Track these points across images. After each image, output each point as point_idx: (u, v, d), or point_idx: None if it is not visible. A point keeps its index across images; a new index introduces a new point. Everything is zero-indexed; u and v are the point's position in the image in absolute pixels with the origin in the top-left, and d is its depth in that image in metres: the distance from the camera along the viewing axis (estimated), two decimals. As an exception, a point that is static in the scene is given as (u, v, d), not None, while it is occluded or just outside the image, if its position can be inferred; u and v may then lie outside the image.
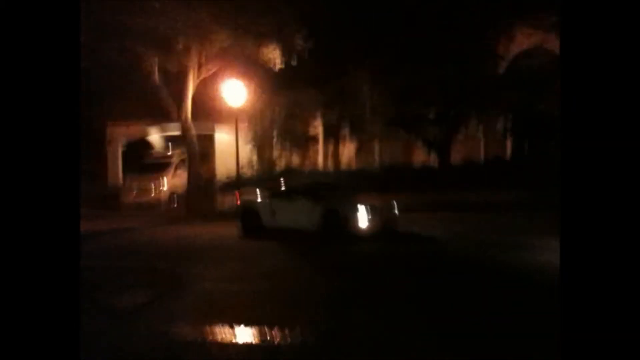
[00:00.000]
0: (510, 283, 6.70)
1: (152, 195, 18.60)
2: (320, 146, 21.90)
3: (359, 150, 21.66)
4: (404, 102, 18.81)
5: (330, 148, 22.18)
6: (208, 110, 19.85)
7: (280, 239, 10.95)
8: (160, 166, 19.77)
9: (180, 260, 8.98)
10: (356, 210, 10.32)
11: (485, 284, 6.64)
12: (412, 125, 19.57)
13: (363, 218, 10.31)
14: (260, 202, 12.00)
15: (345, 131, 21.52)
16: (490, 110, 18.96)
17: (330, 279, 7.31)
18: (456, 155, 19.97)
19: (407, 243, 10.37)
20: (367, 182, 17.30)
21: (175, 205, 18.11)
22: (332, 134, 21.86)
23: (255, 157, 22.58)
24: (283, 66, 15.89)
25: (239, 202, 12.57)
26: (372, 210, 10.43)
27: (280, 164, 22.46)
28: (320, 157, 21.98)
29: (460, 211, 14.59)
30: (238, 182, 15.86)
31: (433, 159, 20.10)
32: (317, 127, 21.94)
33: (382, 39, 17.33)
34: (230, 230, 12.12)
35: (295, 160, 22.61)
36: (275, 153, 22.68)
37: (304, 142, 22.05)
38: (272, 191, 12.39)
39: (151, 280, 7.31)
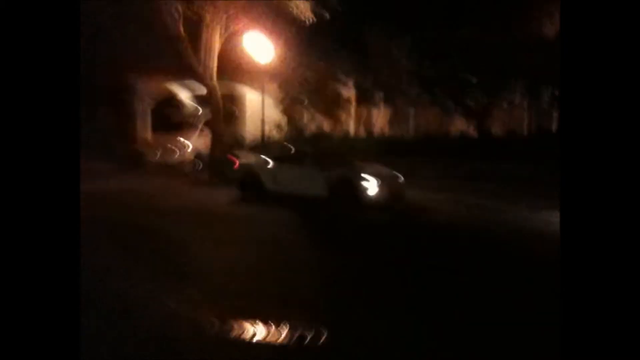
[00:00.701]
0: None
1: (177, 155, 18.05)
2: (353, 111, 20.89)
3: (393, 117, 20.57)
4: (443, 66, 17.62)
5: (364, 113, 21.17)
6: (239, 70, 19.18)
7: (284, 206, 10.25)
8: (185, 126, 19.18)
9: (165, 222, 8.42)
10: (366, 179, 9.67)
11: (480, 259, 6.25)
12: (451, 90, 18.34)
13: (373, 187, 9.67)
14: (263, 167, 11.22)
15: (380, 96, 20.48)
16: (537, 78, 17.53)
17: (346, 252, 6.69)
18: (497, 125, 18.73)
19: (414, 214, 10.02)
20: (399, 150, 16.48)
21: (200, 168, 17.55)
22: (366, 99, 20.83)
23: (284, 120, 21.86)
24: (314, 20, 14.80)
25: (237, 166, 11.80)
26: (381, 180, 9.76)
27: (311, 128, 21.70)
28: (352, 122, 21.00)
29: (490, 182, 13.59)
30: (263, 145, 15.13)
31: (472, 128, 18.89)
32: (350, 91, 20.89)
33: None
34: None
35: (327, 124, 21.76)
36: (306, 116, 21.87)
37: (336, 106, 21.08)
38: (276, 156, 11.59)
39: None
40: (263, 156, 11.69)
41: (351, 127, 20.95)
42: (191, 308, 4.17)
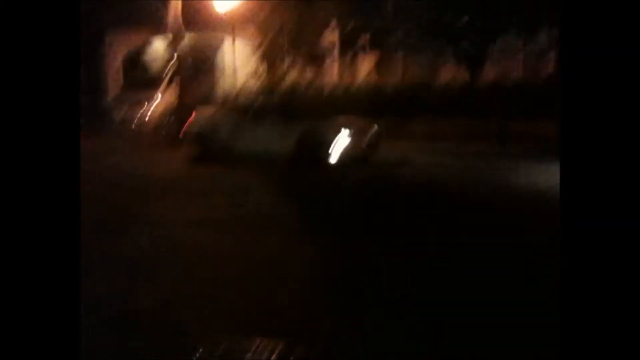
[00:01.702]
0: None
1: (144, 110, 16.59)
2: (336, 59, 19.36)
3: (379, 65, 19.03)
4: (431, 8, 16.03)
5: (348, 62, 19.60)
6: (211, 17, 17.65)
7: (241, 167, 9.10)
8: (153, 77, 17.54)
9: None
10: (336, 133, 8.54)
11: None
12: (440, 35, 16.75)
13: (344, 143, 8.59)
14: (221, 121, 9.93)
15: (364, 42, 18.90)
16: (533, 21, 15.97)
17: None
18: (490, 72, 17.27)
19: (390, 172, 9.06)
20: (383, 102, 15.19)
21: (171, 121, 16.14)
22: (350, 46, 19.22)
23: (262, 69, 20.32)
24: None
25: (191, 119, 10.48)
26: (354, 135, 8.53)
27: (291, 76, 20.20)
28: (335, 72, 19.50)
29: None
30: (236, 99, 13.81)
31: (466, 75, 17.44)
32: (334, 34, 19.26)
33: None
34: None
35: (309, 75, 20.24)
36: (285, 66, 20.32)
37: (318, 55, 19.49)
38: (234, 109, 10.30)
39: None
40: (222, 109, 10.43)
41: (335, 74, 19.46)
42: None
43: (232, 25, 14.81)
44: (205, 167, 9.39)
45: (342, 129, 8.69)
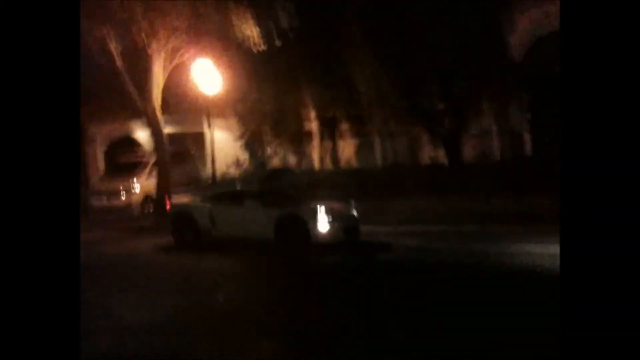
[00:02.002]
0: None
1: (124, 199, 16.41)
2: (316, 143, 19.70)
3: (359, 148, 19.40)
4: (408, 92, 16.59)
5: (328, 145, 19.95)
6: (194, 106, 17.98)
7: (223, 252, 8.87)
8: (133, 167, 17.55)
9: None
10: (315, 216, 8.46)
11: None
12: (417, 117, 17.24)
13: (323, 225, 8.49)
14: (197, 207, 9.82)
15: (344, 126, 19.36)
16: (505, 100, 16.63)
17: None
18: (469, 152, 17.66)
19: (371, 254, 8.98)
20: (365, 182, 15.28)
21: (151, 211, 15.97)
22: (330, 129, 19.66)
23: (245, 156, 20.56)
24: (265, 47, 13.63)
25: (168, 207, 10.40)
26: (333, 217, 8.75)
27: (274, 164, 20.41)
28: (316, 155, 19.78)
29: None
30: (213, 185, 13.77)
31: (442, 157, 17.79)
32: (313, 123, 19.71)
33: (379, 18, 15.08)
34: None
35: (291, 158, 20.49)
36: (268, 151, 20.61)
37: (299, 139, 19.85)
38: (213, 194, 10.25)
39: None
40: (200, 195, 10.33)
41: (315, 160, 19.70)
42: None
43: (211, 114, 15.00)
44: (180, 256, 9.10)
45: (320, 214, 8.59)
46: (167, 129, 19.40)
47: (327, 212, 8.69)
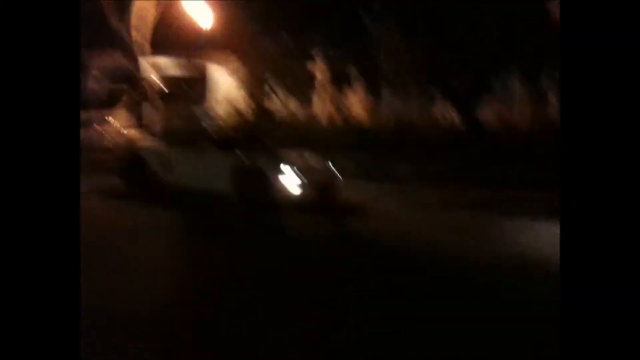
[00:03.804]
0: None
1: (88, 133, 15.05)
2: (320, 94, 18.11)
3: (365, 100, 17.72)
4: (420, 42, 14.83)
5: (335, 95, 18.29)
6: (194, 46, 16.57)
7: (174, 206, 7.63)
8: (110, 101, 16.05)
9: None
10: (278, 168, 7.09)
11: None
12: (429, 72, 15.48)
13: (292, 182, 7.14)
14: (150, 148, 8.55)
15: (353, 78, 17.65)
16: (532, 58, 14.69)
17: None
18: (487, 114, 15.91)
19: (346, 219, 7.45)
20: (369, 141, 13.83)
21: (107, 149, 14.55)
22: (338, 81, 17.96)
23: (248, 104, 19.06)
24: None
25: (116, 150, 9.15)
26: (305, 173, 7.35)
27: (280, 113, 18.92)
28: (320, 106, 18.21)
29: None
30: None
31: (458, 117, 16.08)
32: (320, 71, 18.04)
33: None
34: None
35: (295, 109, 18.94)
36: (270, 100, 19.05)
37: (305, 86, 18.24)
38: (169, 137, 8.94)
39: None
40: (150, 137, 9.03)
41: (320, 111, 18.16)
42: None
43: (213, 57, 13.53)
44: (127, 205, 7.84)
45: (286, 166, 7.19)
46: (169, 72, 18.21)
47: (297, 165, 7.30)
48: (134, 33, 13.02)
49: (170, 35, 14.92)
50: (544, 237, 6.62)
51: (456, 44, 14.38)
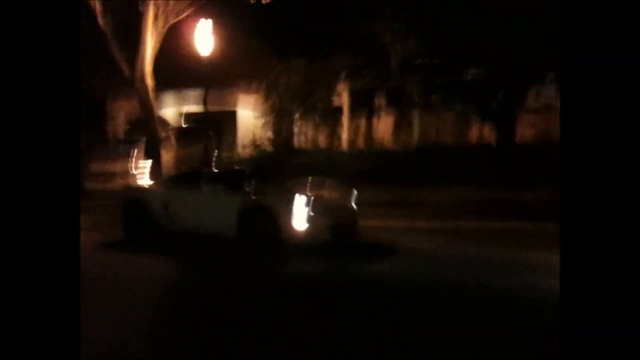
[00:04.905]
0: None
1: (120, 180, 14.67)
2: (346, 120, 17.37)
3: (395, 126, 16.80)
4: (453, 61, 13.92)
5: (361, 122, 17.49)
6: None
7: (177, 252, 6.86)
8: (130, 146, 15.59)
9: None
10: (288, 206, 6.23)
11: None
12: (464, 91, 14.48)
13: (300, 219, 6.16)
14: (152, 192, 7.89)
15: (379, 101, 16.85)
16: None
17: None
18: (527, 131, 14.72)
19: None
20: (397, 166, 12.91)
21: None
22: (362, 105, 17.19)
23: (270, 134, 18.46)
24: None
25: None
26: (316, 209, 6.57)
27: (300, 142, 18.26)
28: (345, 133, 17.45)
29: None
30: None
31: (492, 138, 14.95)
32: (344, 95, 17.34)
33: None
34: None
35: (319, 137, 18.21)
36: (294, 129, 18.40)
37: (328, 115, 17.55)
38: (171, 177, 8.30)
39: None
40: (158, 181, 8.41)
41: (344, 139, 17.39)
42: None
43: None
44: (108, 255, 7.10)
45: (296, 204, 6.39)
46: (185, 108, 17.83)
47: (308, 202, 6.48)
48: (148, 79, 12.65)
49: (189, 70, 14.52)
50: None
51: (484, 59, 13.42)
